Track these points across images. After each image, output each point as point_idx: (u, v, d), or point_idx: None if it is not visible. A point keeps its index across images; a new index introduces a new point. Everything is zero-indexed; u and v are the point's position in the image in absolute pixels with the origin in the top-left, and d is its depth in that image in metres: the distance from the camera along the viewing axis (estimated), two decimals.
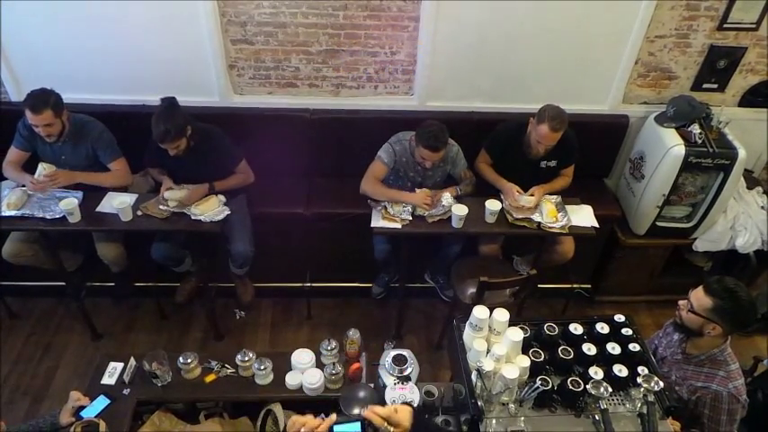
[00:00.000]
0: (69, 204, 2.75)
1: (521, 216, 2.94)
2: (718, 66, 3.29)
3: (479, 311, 2.03)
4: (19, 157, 2.95)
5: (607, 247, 3.56)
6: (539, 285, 3.47)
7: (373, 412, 1.43)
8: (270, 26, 3.07)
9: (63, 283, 3.22)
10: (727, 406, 2.03)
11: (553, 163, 3.10)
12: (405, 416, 1.46)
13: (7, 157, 2.95)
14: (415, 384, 2.10)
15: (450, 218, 2.92)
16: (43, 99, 2.71)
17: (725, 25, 3.14)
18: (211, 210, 2.88)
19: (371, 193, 3.02)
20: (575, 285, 3.57)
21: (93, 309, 3.40)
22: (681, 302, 2.12)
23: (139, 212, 2.83)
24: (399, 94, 3.38)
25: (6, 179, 2.98)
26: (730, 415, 2.04)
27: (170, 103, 2.78)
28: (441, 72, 3.24)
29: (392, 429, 1.43)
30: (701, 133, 3.12)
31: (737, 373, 2.06)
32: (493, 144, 3.19)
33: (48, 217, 2.77)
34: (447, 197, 2.97)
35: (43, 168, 2.83)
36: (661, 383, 1.92)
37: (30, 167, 2.91)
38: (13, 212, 2.77)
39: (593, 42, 3.18)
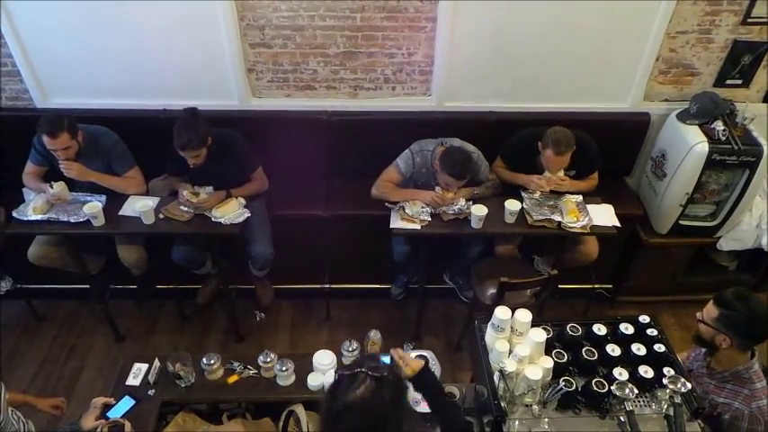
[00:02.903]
0: (93, 208, 2.79)
1: (541, 216, 2.91)
2: (741, 61, 3.23)
3: (501, 312, 2.02)
4: (37, 171, 3.00)
5: (629, 246, 3.52)
6: (559, 286, 3.44)
7: (396, 351, 1.89)
8: (288, 29, 3.08)
9: (87, 286, 3.27)
10: (747, 425, 1.97)
11: (572, 172, 3.07)
12: (417, 363, 1.88)
13: (26, 169, 3.00)
14: None
15: (469, 218, 2.91)
16: (58, 123, 2.72)
17: (748, 20, 3.08)
18: (231, 212, 2.90)
19: (383, 196, 3.01)
20: (596, 286, 3.53)
21: (116, 311, 3.45)
22: (698, 313, 2.07)
23: (161, 215, 2.87)
24: (417, 95, 3.37)
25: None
26: None
27: (192, 113, 2.81)
28: (458, 72, 3.23)
29: (404, 367, 1.84)
30: (724, 130, 3.06)
31: (763, 393, 1.99)
32: (509, 154, 3.18)
33: (72, 221, 2.81)
34: (461, 202, 2.95)
35: (57, 189, 2.83)
36: (688, 384, 1.89)
37: (51, 176, 2.94)
38: (39, 216, 2.82)
39: (613, 39, 3.14)
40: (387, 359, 1.85)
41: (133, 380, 2.34)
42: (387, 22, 3.07)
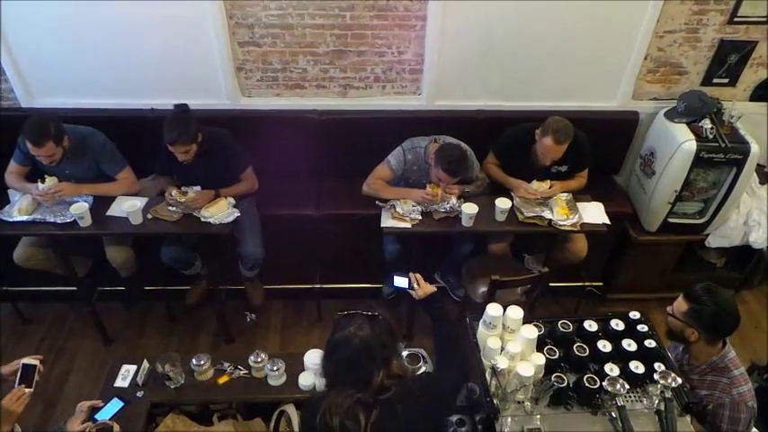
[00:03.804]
0: (80, 209, 2.76)
1: (531, 214, 2.92)
2: (728, 60, 3.26)
3: (493, 309, 2.02)
4: (20, 170, 2.95)
5: (618, 244, 3.53)
6: (549, 284, 3.45)
7: (414, 274, 2.16)
8: (277, 28, 3.07)
9: (74, 288, 3.22)
10: (729, 413, 2.01)
11: (564, 168, 3.08)
12: (430, 288, 2.16)
13: (9, 168, 2.95)
14: None
15: (460, 216, 2.91)
16: (44, 131, 2.64)
17: (735, 19, 3.11)
18: (221, 212, 2.88)
19: (374, 193, 3.01)
20: (586, 283, 3.54)
21: (104, 313, 3.40)
22: (669, 307, 2.13)
23: (149, 216, 2.84)
24: (407, 94, 3.37)
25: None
26: (732, 422, 2.02)
27: (183, 109, 2.79)
28: (448, 71, 3.23)
29: (417, 289, 2.14)
30: (712, 128, 3.09)
31: (742, 379, 2.04)
32: (501, 149, 3.18)
33: (58, 221, 2.78)
34: (452, 201, 2.95)
35: (48, 184, 2.79)
36: (679, 380, 1.90)
37: (34, 177, 2.89)
38: (24, 217, 2.78)
39: (602, 39, 3.16)
40: (405, 280, 2.16)
41: (122, 381, 2.31)
42: (376, 21, 3.06)
